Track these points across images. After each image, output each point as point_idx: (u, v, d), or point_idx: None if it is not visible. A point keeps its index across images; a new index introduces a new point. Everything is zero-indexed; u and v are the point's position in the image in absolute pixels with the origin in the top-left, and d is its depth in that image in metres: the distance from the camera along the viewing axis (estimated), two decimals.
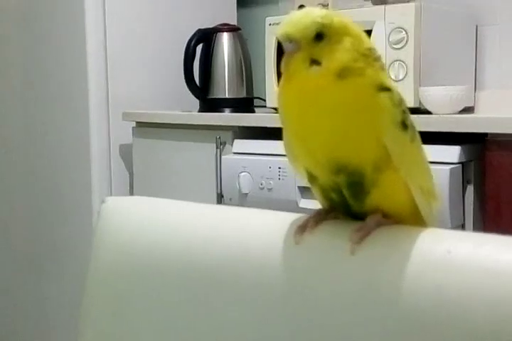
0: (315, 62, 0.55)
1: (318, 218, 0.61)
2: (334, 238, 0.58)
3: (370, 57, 0.58)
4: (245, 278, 0.60)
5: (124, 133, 2.13)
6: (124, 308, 0.66)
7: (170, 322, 0.64)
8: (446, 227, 1.39)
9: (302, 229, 0.60)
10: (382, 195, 0.59)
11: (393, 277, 0.53)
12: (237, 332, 0.60)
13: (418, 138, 0.61)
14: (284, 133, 0.62)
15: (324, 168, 0.58)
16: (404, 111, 0.59)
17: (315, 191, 0.62)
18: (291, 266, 0.59)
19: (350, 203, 0.60)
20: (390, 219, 0.59)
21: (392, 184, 0.59)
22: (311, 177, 0.61)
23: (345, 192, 0.59)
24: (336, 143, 0.57)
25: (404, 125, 0.58)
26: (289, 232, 0.60)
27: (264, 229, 0.63)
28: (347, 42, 0.56)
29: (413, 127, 0.60)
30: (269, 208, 1.68)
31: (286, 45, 0.56)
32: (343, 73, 0.55)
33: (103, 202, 0.72)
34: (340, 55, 0.56)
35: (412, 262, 0.53)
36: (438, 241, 0.55)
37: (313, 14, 0.56)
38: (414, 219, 0.61)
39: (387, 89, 0.57)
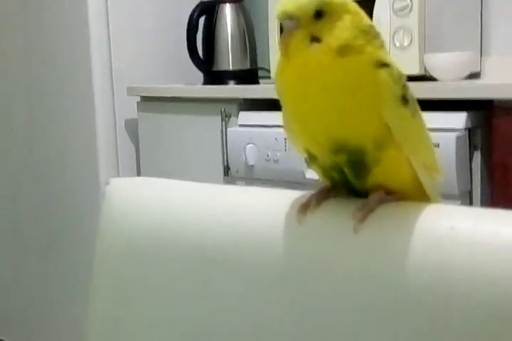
0: (315, 39, 0.55)
1: (321, 196, 0.61)
2: (337, 216, 0.58)
3: (370, 34, 0.57)
4: (248, 258, 0.60)
5: (129, 107, 2.13)
6: (130, 290, 0.67)
7: (175, 303, 0.65)
8: (453, 193, 1.42)
9: (305, 208, 0.60)
10: (384, 172, 0.58)
11: (397, 254, 0.53)
12: (240, 312, 0.61)
13: (419, 112, 0.61)
14: (284, 113, 0.61)
15: (324, 147, 0.58)
16: (404, 86, 0.58)
17: (316, 170, 0.62)
18: (294, 245, 0.59)
19: (352, 181, 0.60)
20: (392, 195, 0.59)
21: (394, 161, 0.59)
22: (311, 157, 0.61)
23: (347, 171, 0.59)
24: (337, 121, 0.56)
25: (405, 100, 0.58)
26: (292, 211, 0.60)
27: (267, 208, 0.63)
28: (347, 19, 0.56)
29: (414, 102, 0.60)
30: (276, 179, 1.70)
31: (285, 23, 0.55)
32: (344, 50, 0.55)
33: (107, 183, 0.72)
34: (341, 32, 0.55)
35: (416, 239, 0.53)
36: (441, 217, 0.55)
37: None
38: (418, 194, 0.61)
39: (386, 65, 0.57)
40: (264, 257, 0.60)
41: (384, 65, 0.57)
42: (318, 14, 0.55)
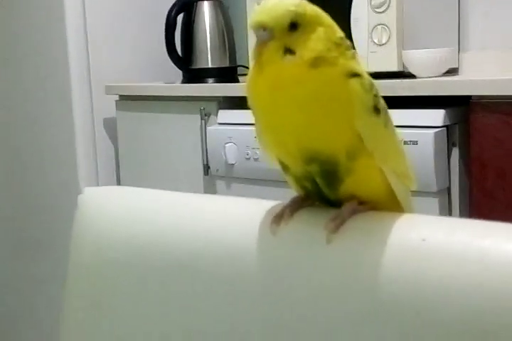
0: (289, 51, 0.55)
1: (294, 206, 0.61)
2: (310, 227, 0.58)
3: (342, 46, 0.57)
4: (223, 268, 0.60)
5: (108, 106, 2.12)
6: (105, 301, 0.67)
7: (150, 313, 0.64)
8: (431, 190, 1.42)
9: (278, 218, 0.60)
10: (356, 182, 0.59)
11: (369, 266, 0.53)
12: (215, 322, 0.61)
13: (391, 122, 0.61)
14: (256, 123, 0.61)
15: (296, 158, 0.58)
16: (375, 96, 0.58)
17: (288, 180, 0.62)
18: (268, 256, 0.59)
19: (325, 191, 0.60)
20: (365, 205, 0.59)
21: (366, 170, 0.59)
22: (284, 167, 0.61)
23: (319, 181, 0.59)
24: (309, 132, 0.56)
25: (377, 109, 0.58)
26: (266, 222, 0.59)
27: (241, 218, 0.63)
28: (320, 31, 0.56)
29: (386, 111, 0.60)
30: (256, 178, 1.70)
31: (258, 34, 0.55)
32: (317, 62, 0.55)
33: (81, 193, 0.71)
34: (314, 44, 0.55)
35: (388, 251, 0.53)
36: (413, 228, 0.55)
37: (287, 2, 0.56)
38: (391, 203, 0.61)
39: (357, 75, 0.57)
40: (238, 268, 0.60)
41: (355, 75, 0.57)
42: (293, 26, 0.55)
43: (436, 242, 0.52)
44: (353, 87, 0.56)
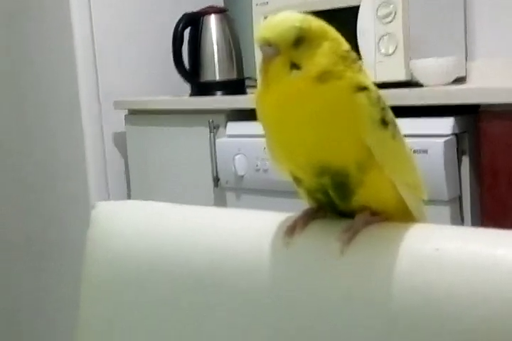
0: (295, 66, 0.55)
1: (307, 218, 0.61)
2: (323, 238, 0.58)
3: (349, 59, 0.58)
4: (236, 282, 0.60)
5: (117, 121, 2.13)
6: (120, 315, 0.67)
7: (164, 327, 0.64)
8: (443, 199, 1.42)
9: (291, 230, 0.60)
10: (368, 193, 0.59)
11: (383, 276, 0.53)
12: (229, 335, 0.60)
13: (400, 133, 0.61)
14: (266, 138, 0.61)
15: (308, 171, 0.58)
16: (383, 109, 0.58)
17: (301, 192, 0.62)
18: (281, 268, 0.59)
19: (337, 203, 0.60)
20: (378, 216, 0.59)
21: (377, 182, 0.59)
22: (296, 180, 0.61)
23: (331, 193, 0.59)
24: (318, 147, 0.57)
25: (385, 122, 0.58)
26: (279, 234, 0.60)
27: (253, 231, 0.63)
28: (326, 45, 0.56)
29: (394, 123, 0.60)
30: (267, 189, 1.70)
31: (264, 49, 0.55)
32: (324, 77, 0.55)
33: (93, 207, 0.72)
34: (320, 58, 0.56)
35: (401, 261, 0.53)
36: (426, 238, 0.55)
37: (292, 18, 0.56)
38: (403, 214, 0.61)
39: (365, 88, 0.57)
40: (252, 280, 0.60)
41: (362, 88, 0.57)
42: (298, 41, 0.55)
43: (449, 252, 0.52)
44: (360, 100, 0.56)
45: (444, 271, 0.51)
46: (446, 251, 0.52)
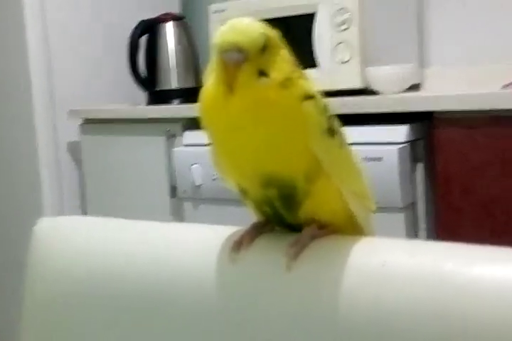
0: (262, 73, 0.55)
1: (254, 233, 0.60)
2: (270, 254, 0.57)
3: (298, 66, 0.58)
4: (183, 298, 0.59)
5: (72, 130, 2.09)
6: (61, 334, 0.65)
7: None
8: (397, 206, 1.42)
9: (238, 245, 0.59)
10: (315, 204, 0.58)
11: (330, 292, 0.53)
12: None
13: (346, 142, 0.61)
14: (211, 146, 0.61)
15: (254, 182, 0.57)
16: (330, 117, 0.58)
17: (248, 204, 0.61)
18: (227, 285, 0.58)
19: (284, 215, 0.59)
20: (325, 228, 0.59)
21: (325, 193, 0.58)
22: (243, 191, 0.60)
23: (278, 205, 0.58)
24: (267, 155, 0.56)
25: (332, 131, 0.58)
26: (225, 249, 0.59)
27: (199, 247, 0.61)
28: (283, 53, 0.57)
29: (340, 132, 0.60)
30: (224, 198, 1.68)
31: (232, 55, 0.54)
32: (286, 84, 0.55)
33: (35, 224, 0.70)
34: (283, 65, 0.56)
35: (349, 276, 0.53)
36: (373, 252, 0.54)
37: (256, 25, 0.56)
38: (351, 226, 0.61)
39: (312, 97, 0.56)
40: (197, 298, 0.58)
41: (310, 96, 0.56)
42: (264, 48, 0.55)
43: (395, 266, 0.52)
44: (308, 109, 0.56)
45: (390, 286, 0.51)
46: (393, 265, 0.52)
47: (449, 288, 0.49)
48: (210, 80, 0.57)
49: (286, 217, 0.59)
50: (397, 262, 0.53)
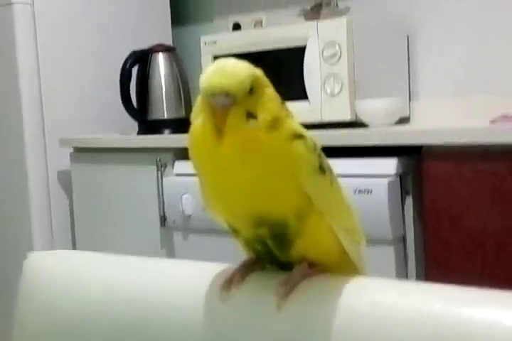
0: (250, 115, 0.55)
1: (245, 271, 0.60)
2: (261, 292, 0.57)
3: (284, 105, 0.58)
4: (172, 336, 0.59)
5: (62, 159, 2.09)
6: None
7: None
8: (387, 238, 1.43)
9: (228, 283, 0.59)
10: (307, 243, 0.58)
11: (320, 332, 0.53)
12: None
13: (337, 179, 0.61)
14: (201, 186, 0.61)
15: (245, 221, 0.58)
16: (320, 156, 0.59)
17: (238, 242, 0.62)
18: (217, 324, 0.58)
19: (276, 253, 0.59)
20: (317, 267, 0.59)
21: (316, 231, 0.59)
22: (233, 229, 0.61)
23: (270, 244, 0.58)
24: (259, 196, 0.56)
25: (322, 169, 0.58)
26: (215, 288, 0.59)
27: (190, 284, 0.61)
28: (269, 92, 0.57)
29: (330, 169, 0.60)
30: (213, 229, 1.68)
31: (218, 99, 0.54)
32: (274, 124, 0.55)
33: (26, 257, 0.70)
34: (270, 106, 0.56)
35: (339, 316, 0.53)
36: (362, 292, 0.55)
37: (242, 67, 0.55)
38: (343, 263, 0.61)
39: (301, 136, 0.57)
40: (187, 336, 0.58)
41: (299, 135, 0.57)
42: (251, 90, 0.55)
43: (385, 306, 0.52)
44: (298, 148, 0.56)
45: (379, 326, 0.51)
46: (381, 305, 0.52)
47: (438, 330, 0.50)
48: (199, 120, 0.56)
49: (278, 255, 0.60)
50: (387, 302, 0.53)
